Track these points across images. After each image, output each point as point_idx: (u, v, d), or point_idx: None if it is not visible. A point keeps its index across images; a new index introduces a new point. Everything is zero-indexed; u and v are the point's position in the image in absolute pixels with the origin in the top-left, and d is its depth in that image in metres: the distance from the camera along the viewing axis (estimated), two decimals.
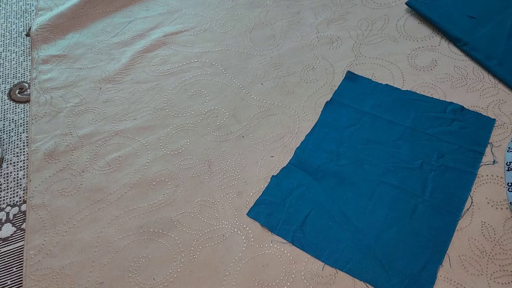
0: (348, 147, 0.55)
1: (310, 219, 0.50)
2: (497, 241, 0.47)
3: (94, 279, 0.49)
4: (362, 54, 0.65)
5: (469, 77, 0.60)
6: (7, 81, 0.70)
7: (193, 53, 0.69)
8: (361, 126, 0.57)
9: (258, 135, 0.59)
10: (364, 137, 0.56)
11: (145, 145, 0.59)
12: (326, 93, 0.62)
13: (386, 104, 0.59)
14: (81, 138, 0.61)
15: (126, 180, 0.56)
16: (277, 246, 0.49)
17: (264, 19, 0.73)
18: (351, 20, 0.70)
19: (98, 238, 0.52)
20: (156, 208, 0.53)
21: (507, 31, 0.63)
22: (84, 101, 0.65)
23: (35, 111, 0.64)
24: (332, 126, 0.58)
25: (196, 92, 0.64)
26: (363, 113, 0.58)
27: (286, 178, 0.54)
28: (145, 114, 0.63)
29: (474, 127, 0.55)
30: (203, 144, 0.59)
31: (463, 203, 0.49)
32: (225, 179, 0.55)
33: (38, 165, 0.58)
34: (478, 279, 0.45)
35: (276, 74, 0.65)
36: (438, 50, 0.64)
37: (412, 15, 0.69)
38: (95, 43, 0.72)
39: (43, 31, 0.73)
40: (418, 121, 0.56)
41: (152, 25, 0.74)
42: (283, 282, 0.46)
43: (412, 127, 0.56)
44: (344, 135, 0.57)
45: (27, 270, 0.50)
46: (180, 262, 0.49)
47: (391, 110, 0.58)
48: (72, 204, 0.55)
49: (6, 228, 0.55)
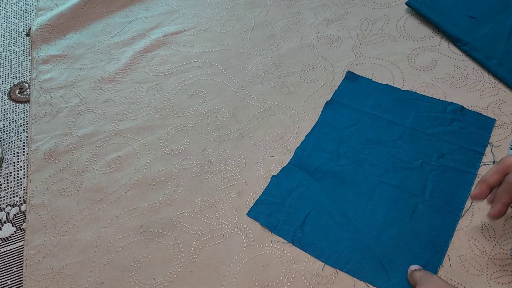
0: (348, 147, 0.55)
1: (310, 219, 0.50)
2: (497, 241, 0.47)
3: (94, 279, 0.49)
4: (362, 54, 0.65)
5: (469, 77, 0.60)
6: (7, 81, 0.70)
7: (193, 53, 0.69)
8: (361, 126, 0.57)
9: (258, 135, 0.59)
10: (364, 137, 0.56)
11: (145, 145, 0.59)
12: (326, 93, 0.62)
13: (386, 104, 0.59)
14: (81, 138, 0.61)
15: (126, 180, 0.56)
16: (277, 246, 0.49)
17: (264, 19, 0.73)
18: (351, 20, 0.70)
19: (98, 238, 0.52)
20: (156, 208, 0.53)
21: (507, 31, 0.63)
22: (84, 101, 0.65)
23: (35, 111, 0.64)
24: (332, 126, 0.58)
25: (196, 92, 0.64)
26: (363, 113, 0.58)
27: (286, 178, 0.54)
28: (145, 114, 0.63)
29: (474, 127, 0.55)
30: (203, 144, 0.59)
31: (463, 203, 0.49)
32: (225, 179, 0.55)
33: (38, 165, 0.58)
34: (478, 279, 0.45)
35: (276, 74, 0.65)
36: (438, 50, 0.64)
37: (412, 15, 0.69)
38: (95, 43, 0.72)
39: (43, 31, 0.73)
40: (418, 121, 0.56)
41: (152, 25, 0.74)
42: (283, 282, 0.47)
43: (412, 127, 0.56)
44: (344, 135, 0.57)
45: (27, 270, 0.50)
46: (180, 262, 0.49)
47: (391, 110, 0.58)
48: (72, 204, 0.55)
49: (6, 228, 0.55)
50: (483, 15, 0.65)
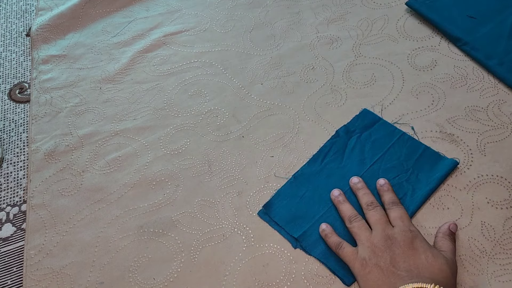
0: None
1: (319, 222, 0.50)
2: (497, 241, 0.47)
3: (94, 279, 0.49)
4: (362, 54, 0.65)
5: (469, 77, 0.60)
6: (7, 81, 0.70)
7: (193, 53, 0.69)
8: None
9: (258, 135, 0.59)
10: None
11: (145, 145, 0.59)
12: (326, 93, 0.62)
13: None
14: (81, 138, 0.61)
15: (126, 180, 0.56)
16: (277, 246, 0.49)
17: (264, 19, 0.73)
18: (351, 20, 0.70)
19: (98, 238, 0.52)
20: (156, 208, 0.53)
21: (507, 31, 0.63)
22: (84, 101, 0.65)
23: (35, 111, 0.64)
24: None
25: (196, 92, 0.64)
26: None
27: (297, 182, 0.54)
28: (145, 114, 0.63)
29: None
30: (203, 144, 0.59)
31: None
32: (225, 179, 0.55)
33: (38, 165, 0.58)
34: (478, 279, 0.45)
35: (276, 74, 0.65)
36: (438, 50, 0.64)
37: (412, 15, 0.69)
38: (95, 43, 0.72)
39: (43, 31, 0.73)
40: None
41: (152, 25, 0.74)
42: (283, 282, 0.47)
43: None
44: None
45: (27, 270, 0.50)
46: (180, 262, 0.49)
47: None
48: (72, 204, 0.55)
49: (6, 228, 0.55)
50: (483, 15, 0.65)
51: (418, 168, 0.52)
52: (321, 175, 0.54)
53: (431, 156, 0.53)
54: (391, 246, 0.43)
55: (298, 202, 0.52)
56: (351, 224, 0.47)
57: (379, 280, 0.41)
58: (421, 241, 0.44)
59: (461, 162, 0.53)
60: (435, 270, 0.41)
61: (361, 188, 0.50)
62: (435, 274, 0.41)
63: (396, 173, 0.52)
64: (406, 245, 0.43)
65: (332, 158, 0.55)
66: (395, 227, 0.45)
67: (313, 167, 0.54)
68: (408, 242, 0.43)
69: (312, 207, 0.51)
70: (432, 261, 0.41)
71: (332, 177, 0.53)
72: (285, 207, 0.51)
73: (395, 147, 0.54)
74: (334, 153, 0.55)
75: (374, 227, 0.46)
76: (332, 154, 0.55)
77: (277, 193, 0.53)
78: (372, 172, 0.53)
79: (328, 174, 0.54)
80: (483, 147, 0.54)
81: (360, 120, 0.58)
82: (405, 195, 0.50)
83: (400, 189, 0.51)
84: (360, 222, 0.47)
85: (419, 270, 0.41)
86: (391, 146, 0.55)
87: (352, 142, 0.56)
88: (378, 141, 0.55)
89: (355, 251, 0.45)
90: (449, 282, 0.41)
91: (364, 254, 0.44)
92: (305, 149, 0.56)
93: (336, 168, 0.54)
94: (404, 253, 0.42)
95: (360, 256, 0.44)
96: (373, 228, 0.46)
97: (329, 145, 0.56)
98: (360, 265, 0.43)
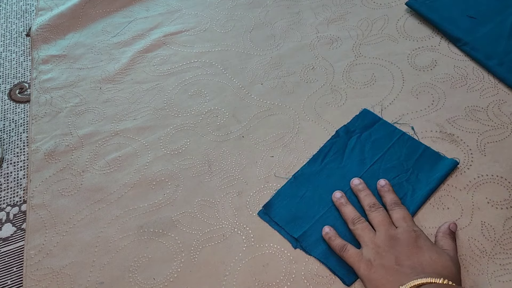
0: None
1: (319, 222, 0.50)
2: (497, 241, 0.47)
3: (94, 279, 0.49)
4: (362, 54, 0.65)
5: (469, 77, 0.60)
6: (7, 81, 0.70)
7: (193, 53, 0.69)
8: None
9: (258, 135, 0.59)
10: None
11: (145, 145, 0.59)
12: (326, 93, 0.62)
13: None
14: (81, 138, 0.61)
15: (126, 180, 0.56)
16: (277, 246, 0.49)
17: (264, 19, 0.73)
18: (351, 20, 0.70)
19: (98, 238, 0.52)
20: (156, 208, 0.53)
21: (507, 31, 0.63)
22: (84, 101, 0.65)
23: (35, 111, 0.64)
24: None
25: (196, 92, 0.64)
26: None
27: (297, 182, 0.54)
28: (145, 114, 0.63)
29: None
30: (203, 144, 0.59)
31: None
32: (225, 179, 0.55)
33: (38, 165, 0.58)
34: (478, 279, 0.45)
35: (276, 74, 0.65)
36: (438, 50, 0.64)
37: (412, 15, 0.69)
38: (95, 43, 0.72)
39: (43, 31, 0.73)
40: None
41: (152, 25, 0.74)
42: (283, 282, 0.47)
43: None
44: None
45: (27, 270, 0.50)
46: (180, 262, 0.49)
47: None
48: (72, 204, 0.55)
49: (6, 228, 0.55)
50: (483, 15, 0.65)
51: (418, 168, 0.52)
52: (321, 175, 0.54)
53: (431, 156, 0.53)
54: (395, 246, 0.43)
55: (298, 202, 0.52)
56: (354, 226, 0.47)
57: (384, 279, 0.41)
58: (425, 240, 0.44)
59: (461, 162, 0.53)
60: (439, 267, 0.41)
61: (362, 189, 0.50)
62: (440, 271, 0.41)
63: (396, 173, 0.52)
64: (410, 244, 0.43)
65: (332, 158, 0.55)
66: (399, 227, 0.45)
67: (313, 167, 0.54)
68: (412, 241, 0.43)
69: (312, 207, 0.51)
70: (436, 259, 0.42)
71: (332, 177, 0.53)
72: (285, 207, 0.51)
73: (395, 147, 0.54)
74: (334, 153, 0.55)
75: (377, 228, 0.46)
76: (332, 154, 0.55)
77: (277, 193, 0.53)
78: (372, 172, 0.53)
79: (328, 174, 0.54)
80: (483, 147, 0.54)
81: (360, 120, 0.58)
82: (405, 195, 0.50)
83: (400, 189, 0.51)
84: (364, 224, 0.47)
85: (423, 267, 0.41)
86: (391, 146, 0.55)
87: (352, 142, 0.56)
88: (378, 141, 0.55)
89: (359, 253, 0.45)
90: (455, 277, 0.41)
91: (369, 256, 0.44)
92: (305, 149, 0.56)
93: (336, 168, 0.54)
94: (408, 251, 0.43)
95: (364, 258, 0.44)
96: (376, 229, 0.46)
97: (329, 145, 0.56)
98: (365, 266, 0.43)
